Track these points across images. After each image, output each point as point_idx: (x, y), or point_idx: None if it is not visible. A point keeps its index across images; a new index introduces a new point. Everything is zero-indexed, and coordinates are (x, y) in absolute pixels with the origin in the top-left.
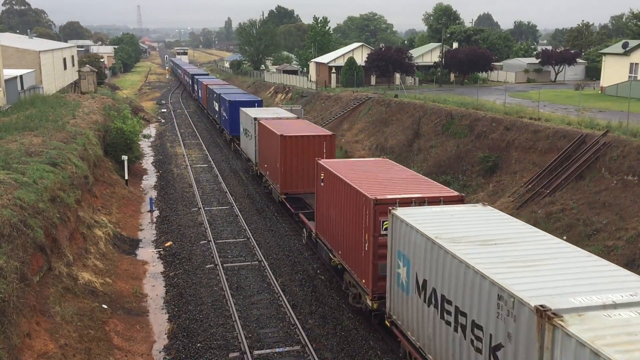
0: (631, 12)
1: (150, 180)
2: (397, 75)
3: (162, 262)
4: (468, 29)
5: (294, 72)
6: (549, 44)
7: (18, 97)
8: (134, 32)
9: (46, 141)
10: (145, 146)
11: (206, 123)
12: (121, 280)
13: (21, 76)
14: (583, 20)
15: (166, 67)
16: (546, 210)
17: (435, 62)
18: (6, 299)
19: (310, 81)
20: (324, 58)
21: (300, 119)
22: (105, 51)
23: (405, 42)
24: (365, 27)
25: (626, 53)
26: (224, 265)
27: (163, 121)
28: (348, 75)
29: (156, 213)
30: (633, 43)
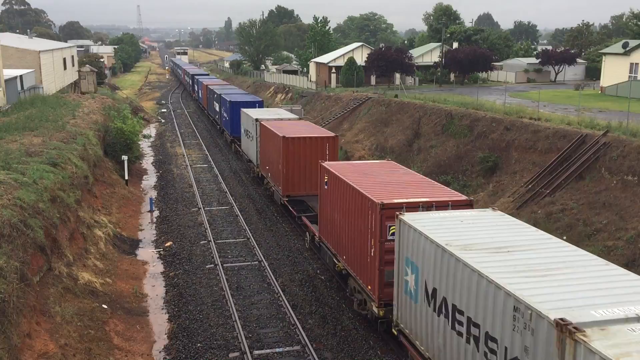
0: (631, 12)
1: (150, 180)
2: (397, 75)
3: (162, 262)
4: (468, 29)
5: (294, 72)
6: (549, 44)
7: (18, 97)
8: (134, 32)
9: (46, 141)
10: (145, 146)
11: (206, 123)
12: (121, 280)
13: (21, 76)
14: (583, 20)
15: (166, 67)
16: (546, 210)
17: (435, 62)
18: (6, 299)
19: (310, 81)
20: (324, 58)
21: (302, 120)
22: (105, 51)
23: (405, 42)
24: (365, 27)
25: (626, 53)
26: (224, 265)
27: (163, 121)
28: (348, 75)
29: (156, 213)
30: (633, 43)
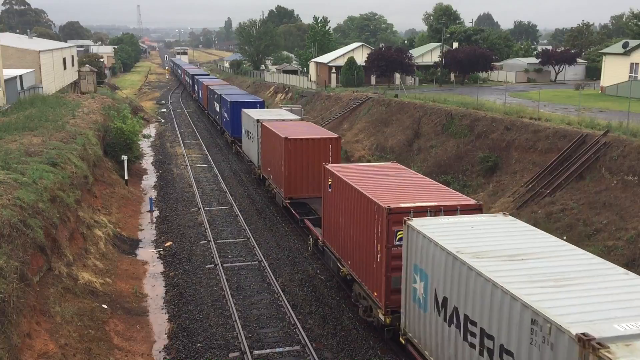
0: (631, 12)
1: (150, 180)
2: (397, 75)
3: (162, 262)
4: (468, 29)
5: (294, 72)
6: (549, 44)
7: (18, 97)
8: (134, 32)
9: (46, 141)
10: (145, 146)
11: (206, 123)
12: (121, 280)
13: (21, 76)
14: (583, 20)
15: (166, 67)
16: (546, 210)
17: (435, 62)
18: (6, 299)
19: (310, 81)
20: (324, 58)
21: (303, 121)
22: (105, 51)
23: (405, 42)
24: (365, 27)
25: (626, 53)
26: (224, 265)
27: (163, 121)
28: (348, 75)
29: (156, 213)
30: (633, 43)
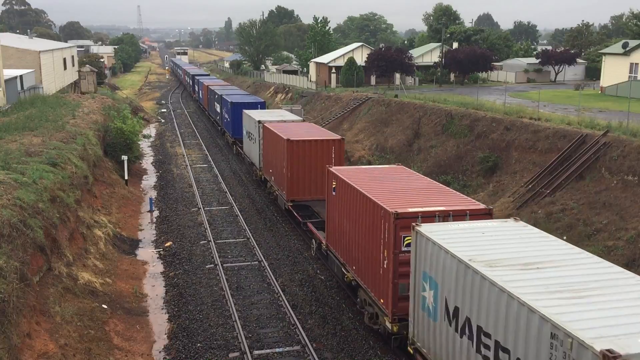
0: (631, 12)
1: (150, 180)
2: (397, 75)
3: (162, 262)
4: (468, 29)
5: (294, 72)
6: (549, 44)
7: (18, 97)
8: (134, 32)
9: (46, 141)
10: (145, 146)
11: (206, 123)
12: (121, 280)
13: (21, 76)
14: (583, 20)
15: (166, 67)
16: (546, 210)
17: (435, 62)
18: (6, 299)
19: (310, 81)
20: (324, 58)
21: (306, 122)
22: (105, 51)
23: (405, 42)
24: (365, 27)
25: (626, 53)
26: (224, 265)
27: (163, 121)
28: (348, 75)
29: (156, 213)
30: (633, 43)
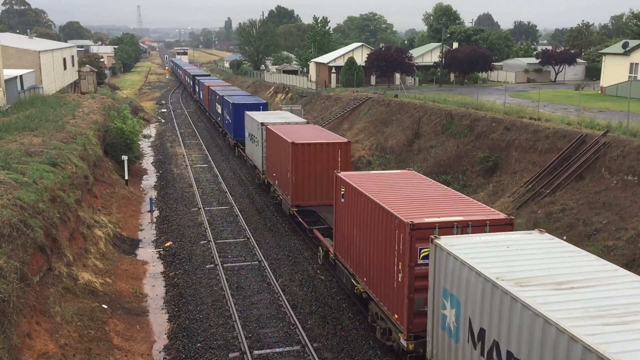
0: (631, 12)
1: (150, 180)
2: (397, 75)
3: (162, 262)
4: (468, 29)
5: (294, 72)
6: (549, 44)
7: (18, 97)
8: (134, 32)
9: (46, 141)
10: (145, 146)
11: (206, 123)
12: (121, 280)
13: (21, 76)
14: (583, 20)
15: (166, 67)
16: (546, 210)
17: (435, 62)
18: (6, 299)
19: (310, 81)
20: (324, 58)
21: (310, 124)
22: (105, 51)
23: (405, 42)
24: (365, 27)
25: (626, 53)
26: (224, 265)
27: (163, 121)
28: (348, 75)
29: (156, 213)
30: (633, 43)
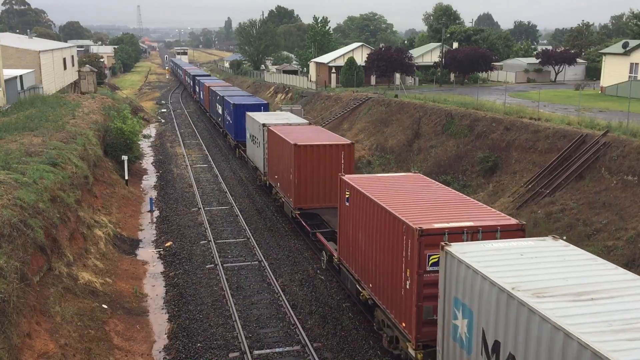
0: (631, 12)
1: (150, 180)
2: (397, 75)
3: (162, 262)
4: (468, 29)
5: (294, 72)
6: (549, 44)
7: (18, 97)
8: (134, 32)
9: (46, 141)
10: (145, 146)
11: (206, 123)
12: (121, 280)
13: (21, 76)
14: (583, 20)
15: (166, 67)
16: (546, 210)
17: (435, 62)
18: (6, 299)
19: (310, 81)
20: (324, 58)
21: (312, 126)
22: (105, 51)
23: (405, 42)
24: (365, 27)
25: (626, 53)
26: (224, 265)
27: (163, 121)
28: (348, 75)
29: (156, 213)
30: (633, 43)
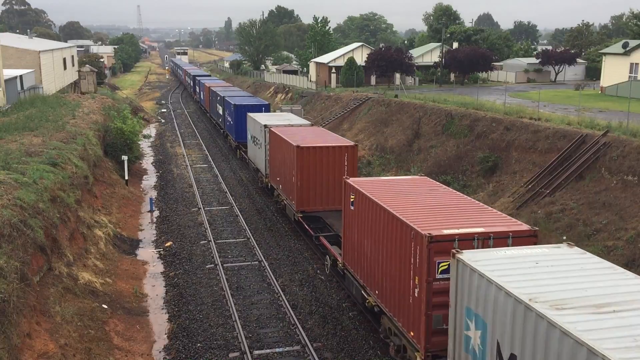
0: (631, 12)
1: (150, 180)
2: (397, 75)
3: (162, 262)
4: (468, 29)
5: (294, 72)
6: (549, 44)
7: (18, 97)
8: (134, 32)
9: (46, 141)
10: (145, 146)
11: (206, 123)
12: (121, 280)
13: (21, 76)
14: (583, 20)
15: (166, 67)
16: (546, 210)
17: (435, 62)
18: (6, 299)
19: (310, 81)
20: (324, 58)
21: (314, 127)
22: (105, 51)
23: (405, 42)
24: (365, 27)
25: (626, 53)
26: (224, 265)
27: (163, 121)
28: (348, 75)
29: (156, 213)
30: (633, 43)
